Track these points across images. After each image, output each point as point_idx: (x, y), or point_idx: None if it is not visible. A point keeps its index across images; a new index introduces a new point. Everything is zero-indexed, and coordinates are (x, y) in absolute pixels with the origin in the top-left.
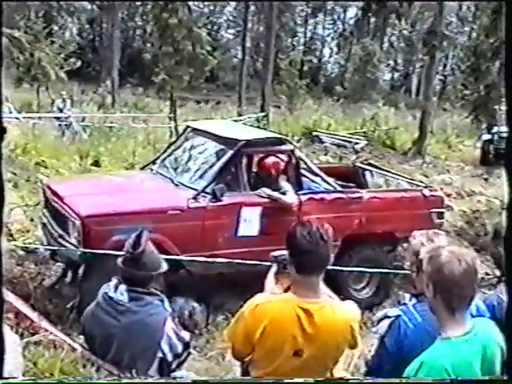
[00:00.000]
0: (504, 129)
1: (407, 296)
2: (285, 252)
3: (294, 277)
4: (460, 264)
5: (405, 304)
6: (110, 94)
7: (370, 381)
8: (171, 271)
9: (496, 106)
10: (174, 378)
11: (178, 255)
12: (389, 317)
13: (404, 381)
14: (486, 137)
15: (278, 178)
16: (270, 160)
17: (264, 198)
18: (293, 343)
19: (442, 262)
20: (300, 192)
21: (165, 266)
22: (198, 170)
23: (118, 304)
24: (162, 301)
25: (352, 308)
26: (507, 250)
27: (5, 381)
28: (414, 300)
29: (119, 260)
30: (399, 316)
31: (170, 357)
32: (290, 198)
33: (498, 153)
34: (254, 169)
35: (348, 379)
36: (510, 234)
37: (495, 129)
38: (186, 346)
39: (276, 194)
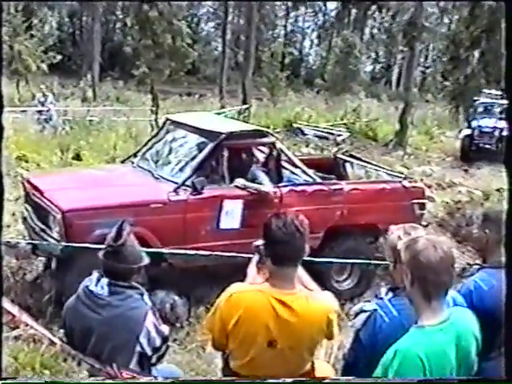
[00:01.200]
0: (484, 123)
1: (383, 290)
2: None
3: (269, 268)
4: (436, 251)
5: (381, 298)
6: (90, 87)
7: (346, 381)
8: (153, 264)
9: (475, 98)
10: (156, 378)
11: (159, 248)
12: (365, 311)
13: (382, 381)
14: (466, 132)
15: (250, 166)
16: (241, 150)
17: (244, 190)
18: (266, 333)
19: (418, 249)
20: (281, 184)
21: (146, 259)
22: (178, 163)
23: (98, 298)
24: (141, 294)
25: (329, 299)
26: (507, 248)
27: (4, 381)
28: (390, 294)
29: (100, 253)
30: (375, 310)
31: (148, 351)
32: (267, 186)
33: (479, 147)
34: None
35: (324, 378)
36: (510, 230)
37: (474, 123)
38: (165, 339)
39: (251, 184)
